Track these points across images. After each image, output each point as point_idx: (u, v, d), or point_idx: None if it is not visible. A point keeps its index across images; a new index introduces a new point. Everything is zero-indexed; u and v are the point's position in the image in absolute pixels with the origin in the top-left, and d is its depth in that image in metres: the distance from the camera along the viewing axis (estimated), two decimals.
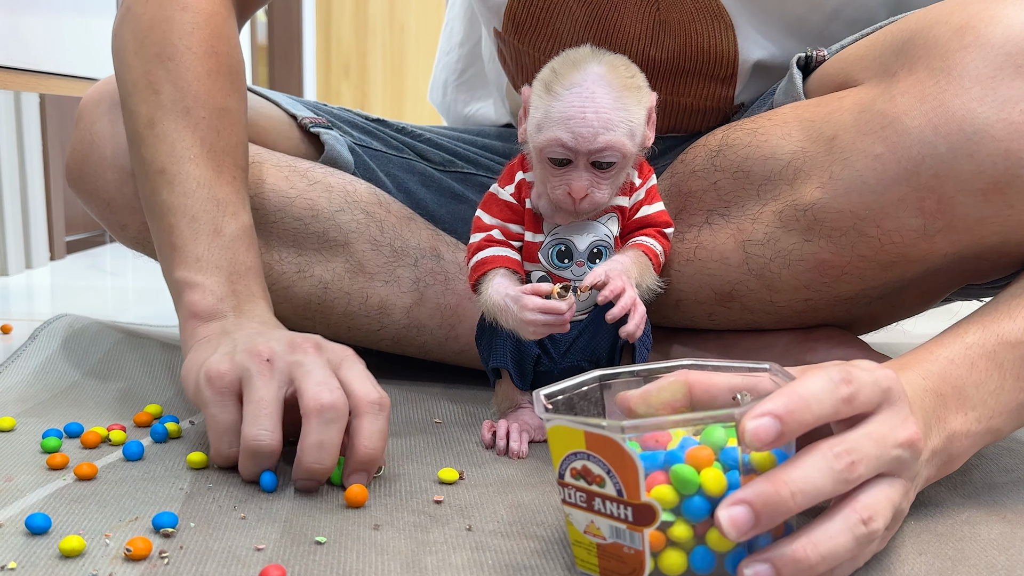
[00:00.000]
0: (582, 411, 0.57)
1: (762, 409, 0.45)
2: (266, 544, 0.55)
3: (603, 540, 0.49)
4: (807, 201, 0.72)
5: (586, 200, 0.68)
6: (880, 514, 0.48)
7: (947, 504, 0.63)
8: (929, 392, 0.57)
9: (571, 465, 0.49)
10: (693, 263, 0.81)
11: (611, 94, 0.66)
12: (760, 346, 0.86)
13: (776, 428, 0.45)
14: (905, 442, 0.49)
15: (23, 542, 0.55)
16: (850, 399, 0.48)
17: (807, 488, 0.45)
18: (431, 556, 0.55)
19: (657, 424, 0.47)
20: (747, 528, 0.45)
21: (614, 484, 0.47)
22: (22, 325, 1.23)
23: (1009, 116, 0.62)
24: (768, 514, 0.45)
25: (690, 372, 0.55)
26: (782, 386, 0.50)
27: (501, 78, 1.03)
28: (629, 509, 0.47)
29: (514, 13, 0.89)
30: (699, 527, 0.47)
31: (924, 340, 0.63)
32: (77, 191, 0.92)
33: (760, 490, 0.45)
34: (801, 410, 0.46)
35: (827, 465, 0.46)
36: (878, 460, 0.48)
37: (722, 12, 0.85)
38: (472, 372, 0.95)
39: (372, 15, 3.37)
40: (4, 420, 0.75)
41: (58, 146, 1.96)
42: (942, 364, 0.59)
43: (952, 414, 0.57)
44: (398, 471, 0.69)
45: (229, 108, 0.80)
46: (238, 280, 0.74)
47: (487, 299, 0.71)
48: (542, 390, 0.54)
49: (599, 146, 0.66)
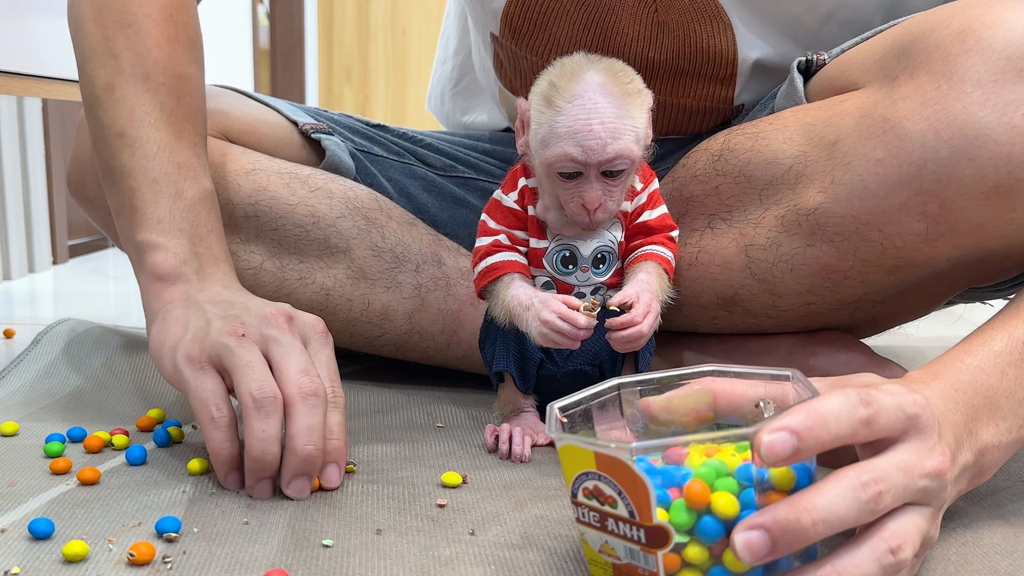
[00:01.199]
0: (600, 421, 0.55)
1: (779, 424, 0.44)
2: (269, 549, 0.56)
3: (618, 560, 0.48)
4: (809, 206, 0.72)
5: (600, 210, 0.68)
6: (909, 543, 0.47)
7: (950, 509, 0.63)
8: (961, 405, 0.55)
9: (583, 485, 0.48)
10: (695, 267, 0.81)
11: (614, 103, 0.66)
12: (763, 350, 0.86)
13: (792, 444, 0.44)
14: (932, 472, 0.48)
15: (27, 547, 0.55)
16: (868, 421, 0.47)
17: (829, 517, 0.44)
18: (434, 560, 0.55)
19: (666, 444, 0.46)
20: (763, 554, 0.43)
21: (626, 505, 0.46)
22: (25, 329, 1.23)
23: (1011, 120, 0.62)
24: (786, 541, 0.44)
25: (715, 380, 0.54)
26: (803, 394, 0.49)
27: (494, 86, 1.03)
28: (642, 531, 0.46)
29: (511, 17, 0.89)
30: (715, 547, 0.46)
31: (928, 343, 0.63)
32: (78, 199, 0.92)
33: (780, 516, 0.44)
34: (819, 427, 0.45)
35: (853, 494, 0.45)
36: (905, 490, 0.47)
37: (720, 12, 0.85)
38: (474, 376, 0.95)
39: (374, 19, 3.37)
40: (7, 424, 0.75)
41: (61, 150, 1.96)
42: (972, 374, 0.57)
43: (983, 426, 0.56)
44: (401, 475, 0.69)
45: (189, 75, 0.80)
46: (200, 243, 0.74)
47: (507, 300, 0.71)
48: (557, 403, 0.53)
49: (609, 156, 0.66)
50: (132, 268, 0.76)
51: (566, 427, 0.53)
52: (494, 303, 0.72)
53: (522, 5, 0.88)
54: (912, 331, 1.02)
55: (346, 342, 0.92)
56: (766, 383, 0.53)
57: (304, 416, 0.62)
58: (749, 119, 0.88)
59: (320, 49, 3.42)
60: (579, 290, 0.73)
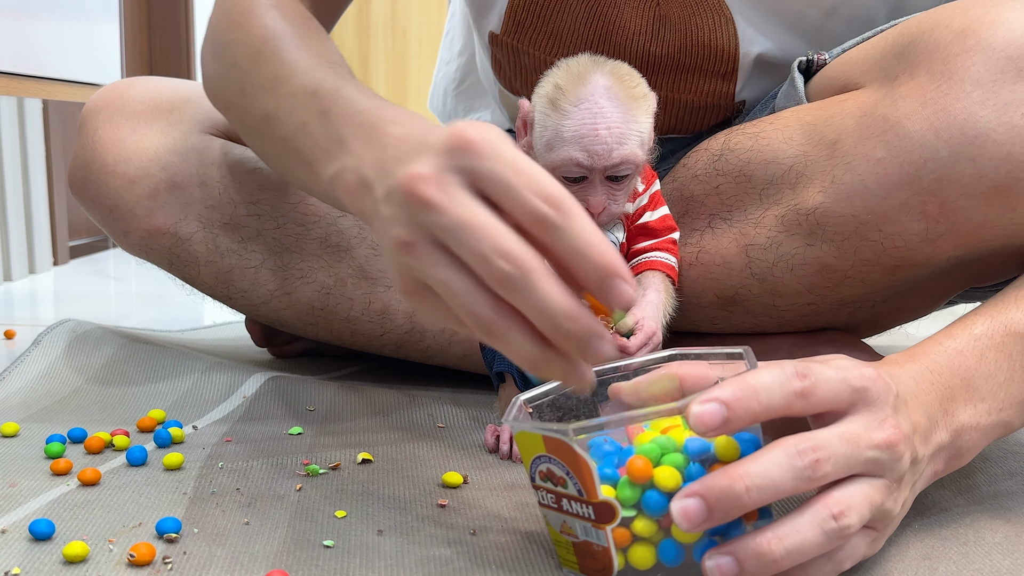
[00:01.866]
0: (569, 410, 0.57)
1: (709, 396, 0.45)
2: (269, 549, 0.56)
3: (576, 539, 0.50)
4: (809, 205, 0.73)
5: (604, 214, 0.68)
6: (854, 510, 0.47)
7: (951, 508, 0.63)
8: (936, 385, 0.55)
9: (538, 468, 0.50)
10: (696, 267, 0.81)
11: (620, 107, 0.66)
12: (763, 350, 0.86)
13: (721, 414, 0.45)
14: (882, 443, 0.48)
15: (27, 548, 0.55)
16: (804, 393, 0.47)
17: (764, 484, 0.45)
18: (436, 561, 0.55)
19: (603, 423, 0.48)
20: (700, 520, 0.44)
21: (574, 485, 0.48)
22: (25, 330, 1.23)
23: (1011, 120, 0.62)
24: (721, 508, 0.44)
25: (681, 365, 0.55)
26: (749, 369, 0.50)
27: (494, 87, 1.03)
28: (590, 508, 0.48)
29: (515, 11, 0.89)
30: (663, 521, 0.47)
31: None
32: (80, 198, 0.92)
33: (714, 483, 0.45)
34: (749, 398, 0.45)
35: (788, 461, 0.46)
36: (848, 460, 0.47)
37: (722, 6, 0.85)
38: (475, 376, 0.95)
39: (374, 20, 3.37)
40: (8, 425, 0.75)
41: (61, 151, 1.96)
42: (950, 356, 0.57)
43: (961, 407, 0.56)
44: (402, 475, 0.69)
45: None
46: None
47: None
48: (523, 395, 0.55)
49: (615, 161, 0.66)
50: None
51: (533, 417, 0.55)
52: None
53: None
54: (913, 330, 1.02)
55: (347, 341, 0.92)
56: (723, 363, 0.55)
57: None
58: (750, 118, 0.88)
59: None
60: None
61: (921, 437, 0.52)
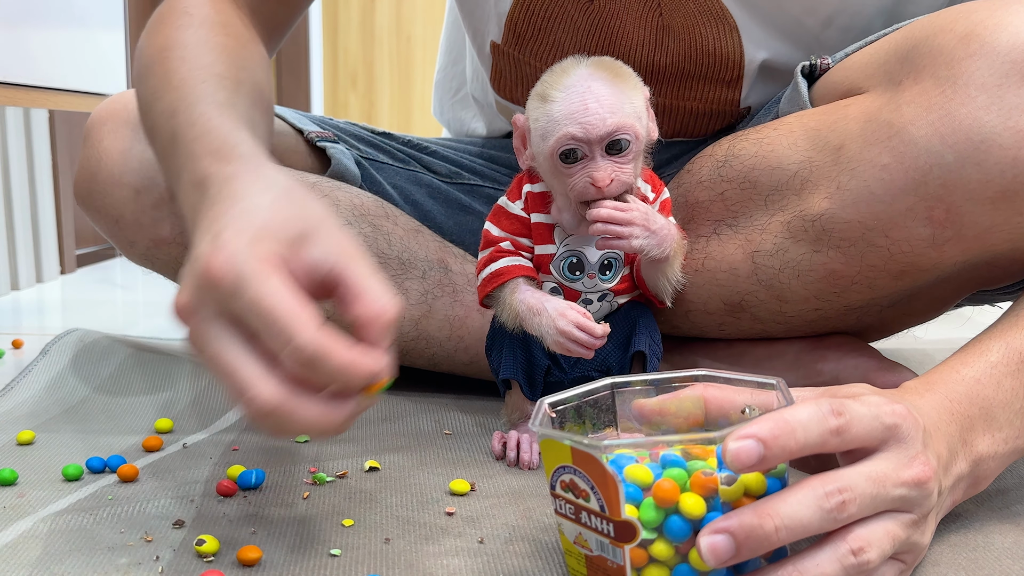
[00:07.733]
0: (592, 419, 0.57)
1: (746, 432, 0.45)
2: (276, 558, 0.56)
3: (590, 552, 0.50)
4: (815, 212, 0.72)
5: (614, 184, 0.67)
6: (874, 546, 0.47)
7: (960, 513, 0.63)
8: (956, 415, 0.56)
9: (560, 478, 0.50)
10: (702, 273, 0.81)
11: (607, 84, 0.67)
12: (771, 355, 0.86)
13: (758, 451, 0.44)
14: (910, 481, 0.48)
15: (36, 559, 0.55)
16: (839, 431, 0.47)
17: (792, 524, 0.45)
18: (443, 570, 0.55)
19: (637, 444, 0.48)
20: (727, 557, 0.44)
21: (597, 500, 0.48)
22: (33, 340, 1.24)
23: (1016, 124, 0.61)
24: (749, 545, 0.44)
25: (708, 387, 0.55)
26: (783, 403, 0.50)
27: (487, 96, 1.03)
28: (611, 525, 0.48)
29: (515, 22, 0.89)
30: (681, 546, 0.47)
31: (935, 346, 0.63)
32: (86, 209, 0.93)
33: (744, 521, 0.45)
34: (786, 436, 0.45)
35: (816, 502, 0.46)
36: (873, 500, 0.47)
37: (725, 14, 0.85)
38: (481, 383, 0.95)
39: (379, 25, 3.38)
40: (24, 433, 0.76)
41: (68, 160, 1.97)
42: (968, 385, 0.57)
43: (979, 436, 0.56)
44: (409, 483, 0.69)
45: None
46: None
47: (515, 304, 0.71)
48: (547, 398, 0.55)
49: (610, 128, 0.66)
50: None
51: (555, 422, 0.55)
52: (500, 308, 0.72)
53: (526, 10, 0.88)
54: (920, 334, 1.01)
55: None
56: (752, 391, 0.54)
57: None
58: (754, 123, 0.88)
59: (325, 56, 3.42)
60: (586, 296, 0.73)
61: (943, 468, 0.52)
